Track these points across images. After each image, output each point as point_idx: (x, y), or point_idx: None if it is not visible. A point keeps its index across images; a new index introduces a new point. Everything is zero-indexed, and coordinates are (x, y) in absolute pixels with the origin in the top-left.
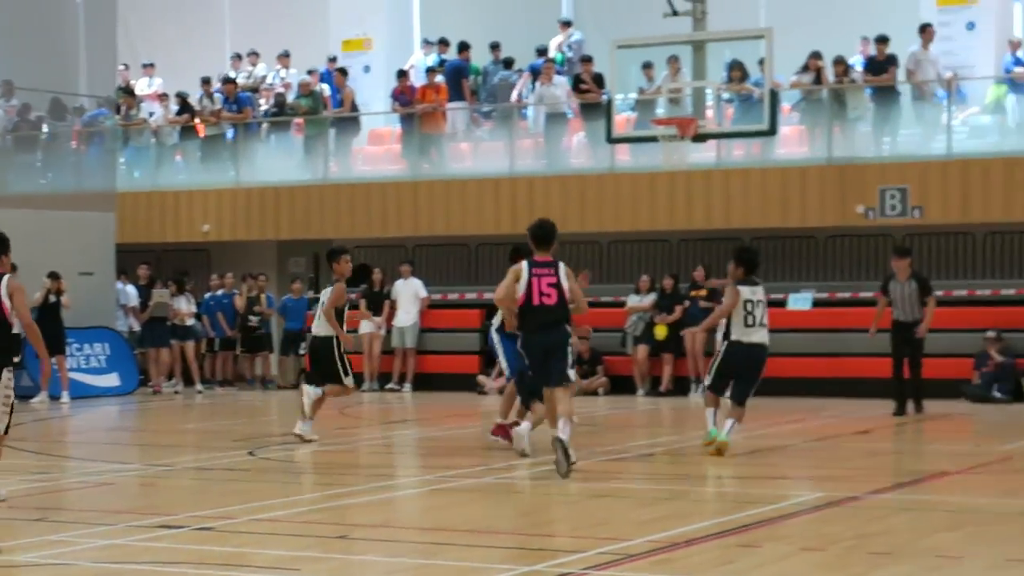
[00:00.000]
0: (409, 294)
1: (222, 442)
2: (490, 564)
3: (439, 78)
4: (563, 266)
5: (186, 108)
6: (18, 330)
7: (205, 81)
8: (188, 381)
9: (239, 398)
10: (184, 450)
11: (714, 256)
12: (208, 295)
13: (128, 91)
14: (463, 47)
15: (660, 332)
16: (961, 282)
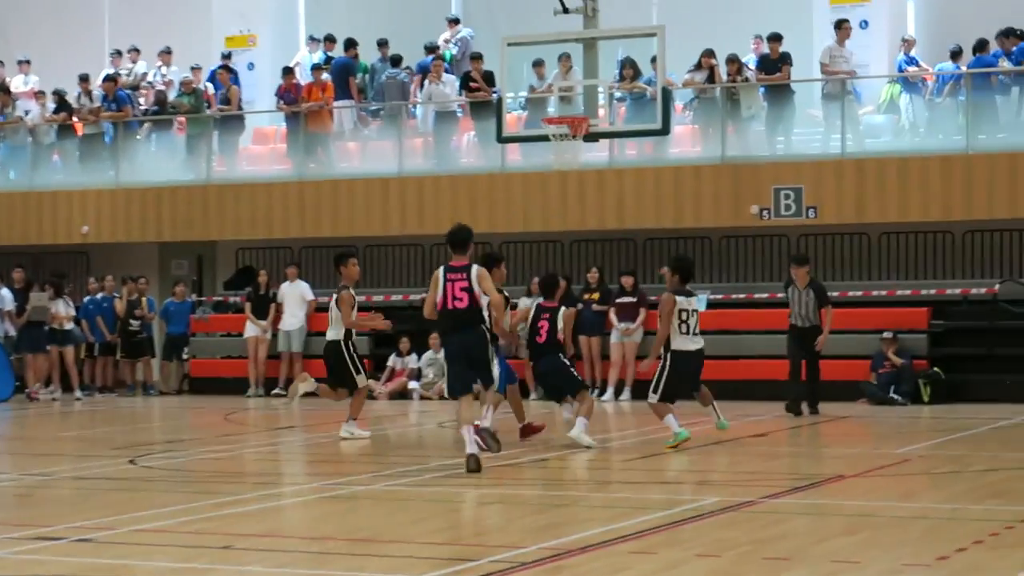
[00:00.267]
0: (295, 297)
1: (102, 450)
2: (379, 574)
3: (325, 76)
4: (476, 269)
5: (63, 106)
6: None
7: (83, 79)
8: (67, 387)
9: (119, 405)
10: (62, 459)
11: (608, 258)
12: (87, 299)
13: (3, 88)
14: (350, 44)
15: None
16: (856, 283)
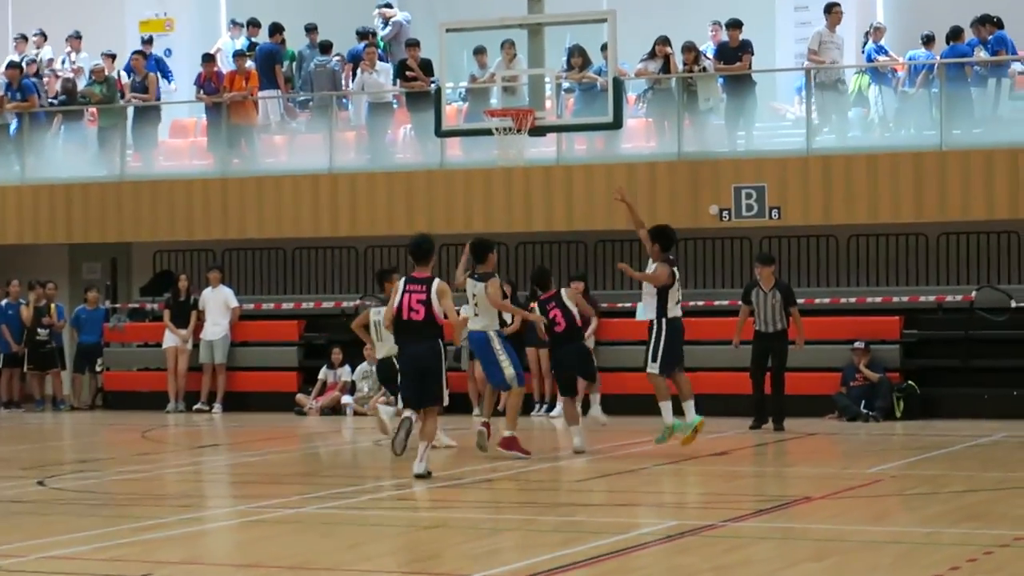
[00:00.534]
0: (218, 304)
1: (8, 470)
2: None
3: (249, 64)
4: (436, 284)
5: None
6: None
7: None
8: None
9: (27, 421)
10: None
11: (556, 261)
12: None
13: None
14: (275, 29)
15: None
16: (823, 289)
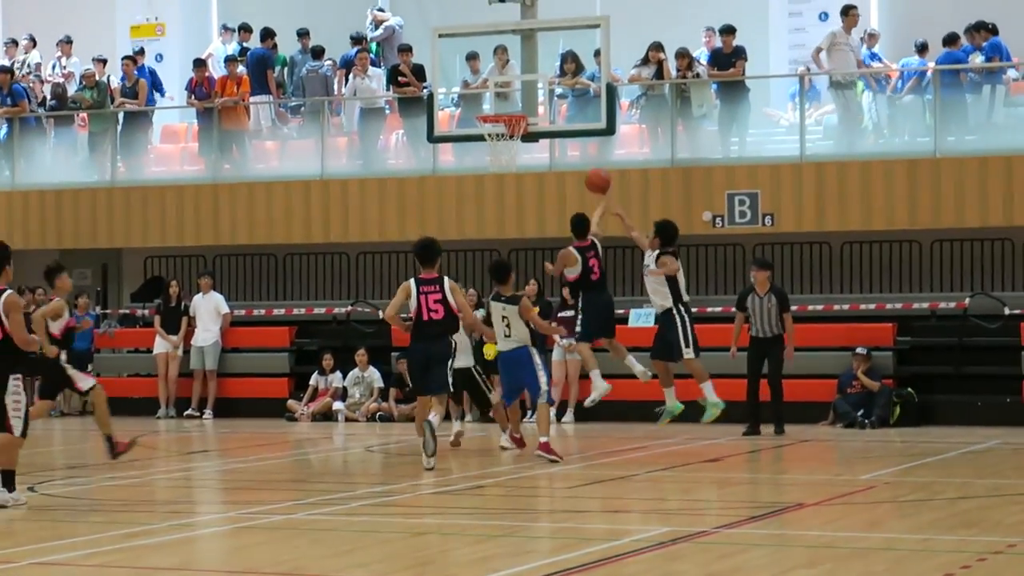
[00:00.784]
0: (209, 310)
1: None
2: None
3: (241, 69)
4: (448, 281)
5: None
6: None
7: None
8: None
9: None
10: None
11: None
12: None
13: None
14: (267, 34)
15: (489, 352)
16: (817, 296)
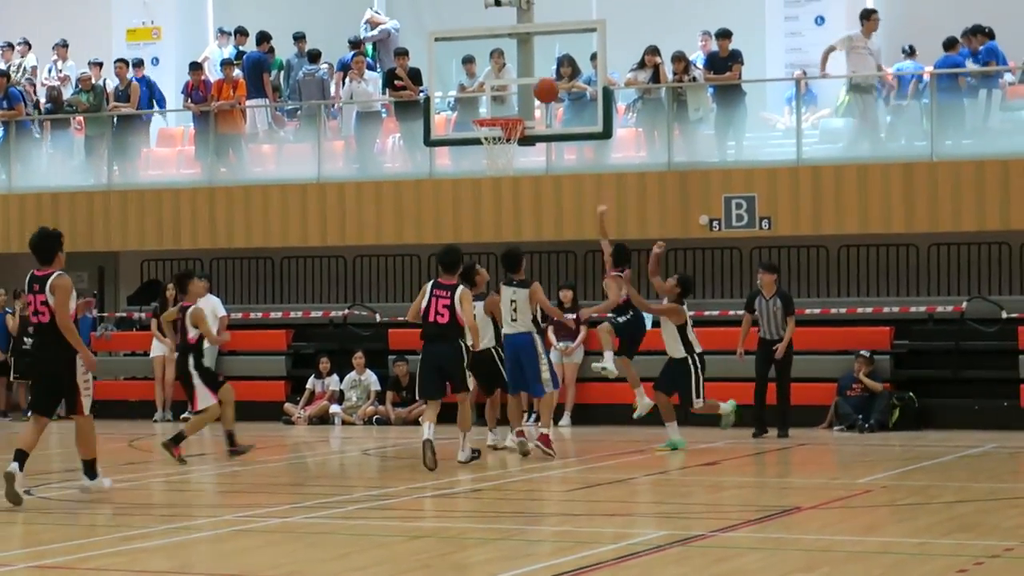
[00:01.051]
0: (206, 313)
1: None
2: None
3: (237, 72)
4: (460, 290)
5: None
6: None
7: None
8: None
9: (13, 430)
10: None
11: (545, 271)
12: None
13: None
14: (263, 38)
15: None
16: (814, 300)
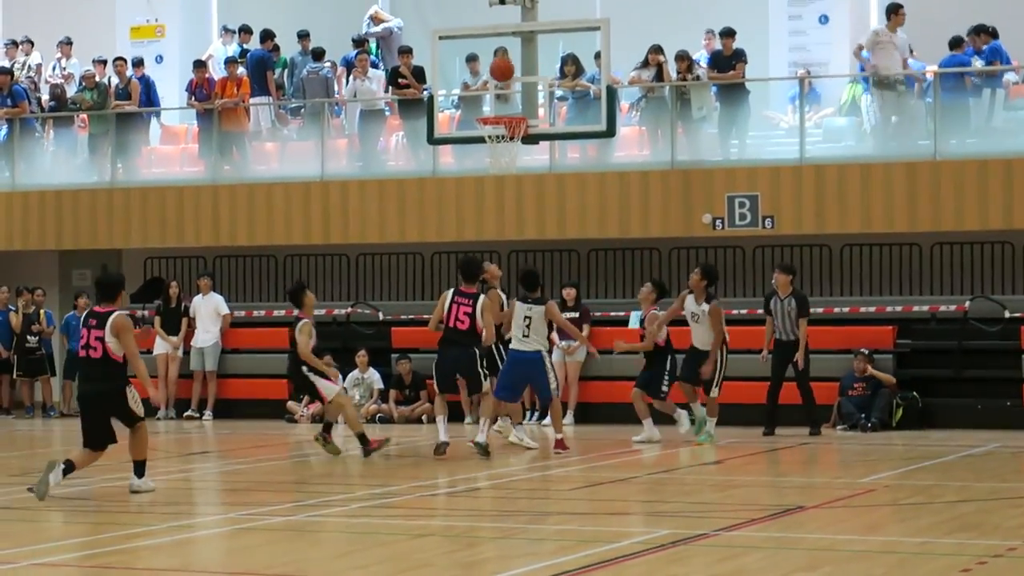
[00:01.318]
0: (209, 311)
1: None
2: None
3: (240, 70)
4: (483, 299)
5: None
6: None
7: None
8: None
9: (16, 427)
10: None
11: (548, 269)
12: None
13: None
14: (267, 36)
15: None
16: (817, 299)
